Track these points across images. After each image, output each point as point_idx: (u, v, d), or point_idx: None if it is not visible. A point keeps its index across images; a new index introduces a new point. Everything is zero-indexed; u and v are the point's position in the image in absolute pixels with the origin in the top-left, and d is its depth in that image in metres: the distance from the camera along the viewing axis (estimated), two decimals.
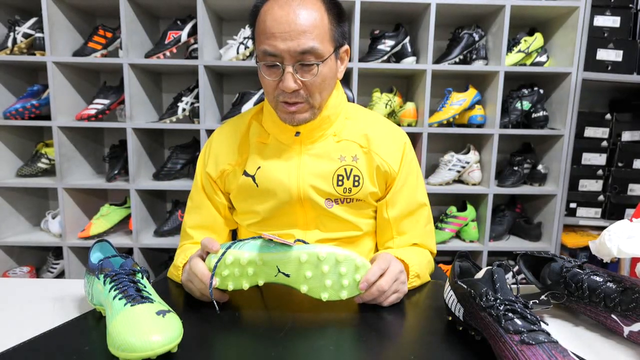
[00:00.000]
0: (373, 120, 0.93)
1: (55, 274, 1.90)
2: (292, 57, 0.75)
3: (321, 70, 0.77)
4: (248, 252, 0.67)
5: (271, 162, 0.87)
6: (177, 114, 1.76)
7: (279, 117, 0.84)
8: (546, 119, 1.83)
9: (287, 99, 0.79)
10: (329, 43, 0.78)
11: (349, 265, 0.67)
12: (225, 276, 0.67)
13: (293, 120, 0.82)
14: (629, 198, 1.87)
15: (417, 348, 0.58)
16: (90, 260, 0.70)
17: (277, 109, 0.83)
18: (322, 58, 0.77)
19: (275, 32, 0.74)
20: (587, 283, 0.64)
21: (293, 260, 0.66)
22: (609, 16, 1.78)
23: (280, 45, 0.74)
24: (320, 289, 0.67)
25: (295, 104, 0.80)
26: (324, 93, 0.82)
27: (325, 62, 0.78)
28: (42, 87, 1.79)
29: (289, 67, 0.75)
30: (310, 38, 0.74)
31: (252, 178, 0.87)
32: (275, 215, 0.89)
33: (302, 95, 0.79)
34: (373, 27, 1.86)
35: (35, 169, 1.85)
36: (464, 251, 0.72)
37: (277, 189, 0.86)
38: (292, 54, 0.74)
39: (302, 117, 0.82)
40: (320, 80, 0.79)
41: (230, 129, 0.94)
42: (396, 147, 0.91)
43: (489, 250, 1.85)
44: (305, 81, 0.77)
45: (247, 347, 0.57)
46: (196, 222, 0.94)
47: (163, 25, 1.96)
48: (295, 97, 0.79)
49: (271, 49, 0.75)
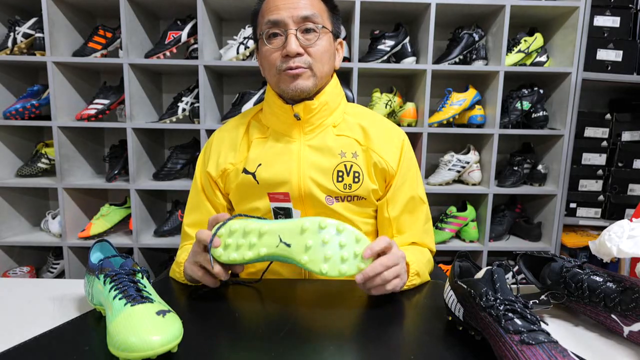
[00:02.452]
0: (371, 119, 0.94)
1: (55, 274, 1.90)
2: (294, 22, 0.81)
3: (321, 38, 0.84)
4: (253, 222, 0.70)
5: (271, 157, 0.87)
6: (177, 114, 1.76)
7: (282, 89, 0.85)
8: (546, 119, 1.83)
9: (291, 63, 0.82)
10: (327, 21, 0.86)
11: (349, 237, 0.68)
12: (229, 245, 0.69)
13: (296, 88, 0.83)
14: (629, 198, 1.87)
15: (417, 348, 0.58)
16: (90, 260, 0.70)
17: (280, 80, 0.85)
18: (322, 25, 0.84)
19: (279, 4, 0.82)
20: (587, 283, 0.64)
21: (295, 228, 0.68)
22: (609, 16, 1.78)
23: (284, 13, 0.81)
24: (320, 260, 0.67)
25: (298, 68, 0.82)
26: (325, 66, 0.86)
27: (325, 32, 0.85)
28: (42, 87, 1.79)
29: (292, 30, 0.81)
30: (310, 8, 0.82)
31: (252, 175, 0.87)
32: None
33: (305, 61, 0.82)
34: (373, 27, 1.86)
35: (35, 169, 1.85)
36: (464, 251, 0.72)
37: (278, 184, 0.86)
38: (295, 20, 0.81)
39: (304, 84, 0.83)
40: (322, 50, 0.84)
41: (231, 129, 0.95)
42: (394, 145, 0.91)
43: (489, 250, 1.85)
44: (308, 47, 0.82)
45: (247, 347, 0.57)
46: (195, 221, 0.94)
47: (163, 25, 1.96)
48: (298, 62, 0.82)
49: (275, 17, 0.81)
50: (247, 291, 0.77)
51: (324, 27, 0.84)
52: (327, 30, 0.85)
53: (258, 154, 0.88)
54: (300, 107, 0.86)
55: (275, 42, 0.83)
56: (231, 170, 0.90)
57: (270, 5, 0.82)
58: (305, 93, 0.84)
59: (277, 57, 0.83)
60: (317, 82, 0.85)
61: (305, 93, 0.84)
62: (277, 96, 0.88)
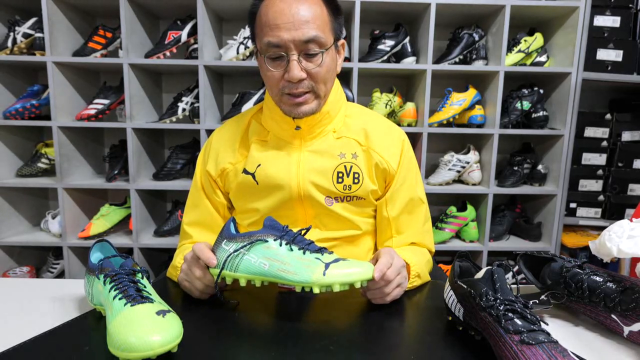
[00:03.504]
0: (372, 119, 0.93)
1: (55, 274, 1.90)
2: (296, 46, 0.76)
3: (325, 59, 0.79)
4: (245, 275, 0.65)
5: (271, 159, 0.87)
6: (177, 114, 1.76)
7: (283, 110, 0.83)
8: (546, 119, 1.83)
9: (293, 89, 0.79)
10: (329, 33, 0.80)
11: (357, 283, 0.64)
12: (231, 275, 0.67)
13: (299, 112, 0.81)
14: (629, 198, 1.87)
15: (417, 348, 0.58)
16: (90, 260, 0.70)
17: (282, 102, 0.82)
18: (325, 47, 0.78)
19: (279, 23, 0.75)
20: (587, 283, 0.64)
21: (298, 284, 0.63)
22: (609, 16, 1.78)
23: (285, 36, 0.75)
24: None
25: (301, 94, 0.80)
26: (328, 84, 0.83)
27: (328, 51, 0.79)
28: (42, 87, 1.79)
29: (294, 56, 0.76)
30: (313, 28, 0.76)
31: (252, 176, 0.87)
32: (275, 213, 0.89)
33: (308, 85, 0.79)
34: (373, 27, 1.86)
35: (35, 169, 1.85)
36: (464, 251, 0.72)
37: (277, 185, 0.86)
38: (297, 44, 0.75)
39: (308, 108, 0.81)
40: (325, 70, 0.80)
41: (230, 128, 0.94)
42: (394, 145, 0.91)
43: (489, 250, 1.85)
44: (310, 70, 0.78)
45: (247, 347, 0.57)
46: (194, 220, 0.94)
47: (163, 25, 1.96)
48: (301, 87, 0.79)
49: (276, 40, 0.75)
50: (247, 291, 0.77)
51: (327, 48, 0.79)
52: (331, 46, 0.80)
53: (258, 155, 0.88)
54: (302, 121, 0.85)
55: (277, 66, 0.78)
56: (230, 169, 0.90)
57: (270, 22, 0.76)
58: (310, 113, 0.83)
59: (279, 80, 0.79)
60: (321, 101, 0.84)
61: (310, 113, 0.83)
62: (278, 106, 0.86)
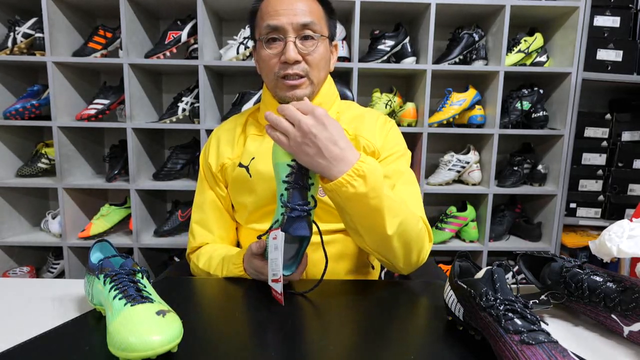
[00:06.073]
0: (362, 111, 0.98)
1: (55, 274, 1.90)
2: (294, 29, 0.82)
3: (319, 46, 0.84)
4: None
5: (265, 152, 0.89)
6: (177, 114, 1.76)
7: (279, 95, 0.87)
8: (546, 119, 1.83)
9: (289, 70, 0.83)
10: (324, 27, 0.87)
11: None
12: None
13: (294, 96, 0.85)
14: (629, 198, 1.87)
15: (417, 348, 0.58)
16: (90, 260, 0.70)
17: (277, 87, 0.86)
18: (320, 34, 0.85)
19: (278, 9, 0.82)
20: (587, 283, 0.64)
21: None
22: (609, 16, 1.78)
23: (283, 19, 0.81)
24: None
25: (296, 78, 0.84)
26: (322, 72, 0.88)
27: (323, 40, 0.86)
28: (42, 87, 1.79)
29: (290, 38, 0.82)
30: (309, 16, 0.83)
31: (246, 169, 0.90)
32: (267, 206, 0.90)
33: (303, 69, 0.84)
34: (373, 27, 1.86)
35: (35, 169, 1.85)
36: (464, 251, 0.72)
37: (269, 177, 0.87)
38: (295, 27, 0.82)
39: (301, 92, 0.85)
40: (319, 57, 0.85)
41: (230, 125, 0.99)
42: (375, 124, 0.94)
43: (489, 250, 1.85)
44: (306, 54, 0.83)
45: (247, 347, 0.57)
46: (202, 219, 0.97)
47: (163, 25, 1.96)
48: (296, 69, 0.83)
49: (274, 22, 0.82)
50: (247, 291, 0.77)
51: (322, 35, 0.85)
52: (325, 36, 0.87)
53: (253, 148, 0.91)
54: None
55: (274, 48, 0.84)
56: (229, 164, 0.94)
57: (270, 10, 0.83)
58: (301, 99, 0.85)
59: (275, 63, 0.84)
60: (314, 89, 0.88)
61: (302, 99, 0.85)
62: (274, 97, 0.90)
